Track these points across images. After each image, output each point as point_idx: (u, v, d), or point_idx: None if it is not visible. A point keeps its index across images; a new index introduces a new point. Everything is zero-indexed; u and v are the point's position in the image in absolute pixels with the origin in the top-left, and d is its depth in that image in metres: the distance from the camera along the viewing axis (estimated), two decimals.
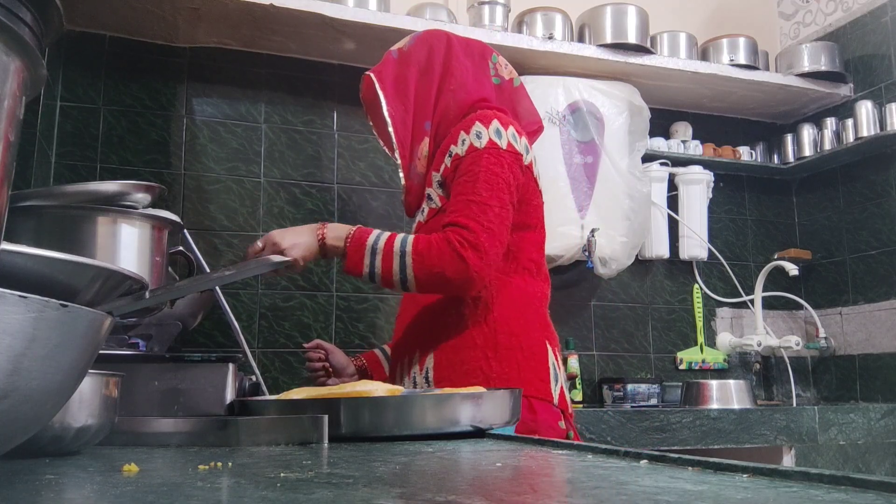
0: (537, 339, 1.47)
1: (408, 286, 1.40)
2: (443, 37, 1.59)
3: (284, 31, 2.29)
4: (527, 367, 1.43)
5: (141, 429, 0.80)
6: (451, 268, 1.35)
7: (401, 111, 1.53)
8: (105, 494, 0.46)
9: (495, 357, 1.42)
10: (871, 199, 2.76)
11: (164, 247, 1.08)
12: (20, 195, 0.94)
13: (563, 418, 1.46)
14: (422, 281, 1.38)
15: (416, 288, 1.40)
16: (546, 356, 1.47)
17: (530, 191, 1.51)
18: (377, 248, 1.40)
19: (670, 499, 0.41)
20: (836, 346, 2.84)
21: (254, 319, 2.29)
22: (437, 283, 1.38)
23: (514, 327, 1.45)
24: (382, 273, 1.39)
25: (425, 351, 1.48)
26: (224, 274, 0.82)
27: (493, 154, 1.42)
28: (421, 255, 1.37)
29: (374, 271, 1.40)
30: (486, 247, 1.36)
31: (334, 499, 0.43)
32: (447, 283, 1.37)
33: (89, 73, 2.25)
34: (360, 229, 1.45)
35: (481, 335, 1.44)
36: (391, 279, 1.39)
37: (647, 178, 2.62)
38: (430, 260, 1.36)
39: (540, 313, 1.52)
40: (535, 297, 1.52)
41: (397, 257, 1.38)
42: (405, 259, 1.38)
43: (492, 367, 1.41)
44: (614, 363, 2.71)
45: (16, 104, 0.45)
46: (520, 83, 1.65)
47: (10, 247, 0.48)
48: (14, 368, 0.43)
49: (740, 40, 2.73)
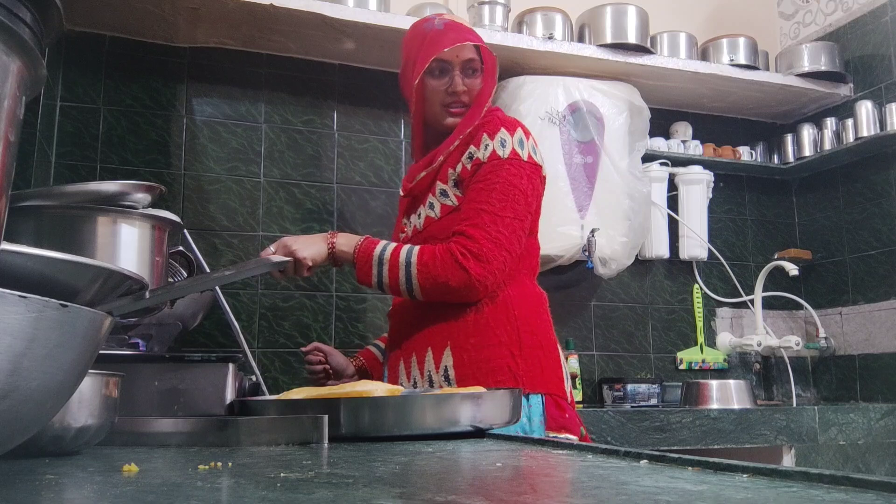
0: (552, 339, 1.54)
1: (414, 295, 1.46)
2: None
3: (284, 31, 2.29)
4: (548, 365, 1.48)
5: (141, 429, 0.80)
6: (453, 278, 1.41)
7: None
8: (105, 494, 0.46)
9: (521, 355, 1.45)
10: (871, 199, 2.76)
11: (164, 247, 1.08)
12: (20, 195, 0.94)
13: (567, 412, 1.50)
14: (427, 290, 1.44)
15: (422, 296, 1.46)
16: (559, 355, 1.53)
17: (538, 198, 1.57)
18: (384, 259, 1.46)
19: (670, 499, 0.41)
20: (836, 346, 2.84)
21: (254, 319, 2.29)
22: (441, 292, 1.44)
23: (535, 326, 1.50)
24: (390, 283, 1.46)
25: (440, 348, 1.48)
26: (224, 274, 0.82)
27: (514, 165, 1.48)
28: (426, 266, 1.42)
29: (381, 281, 1.46)
30: (490, 256, 1.41)
31: (334, 499, 0.43)
32: (451, 292, 1.43)
33: (89, 73, 2.25)
34: (368, 239, 1.50)
35: (505, 333, 1.47)
36: (398, 289, 1.46)
37: (647, 178, 2.62)
38: (434, 270, 1.42)
39: (548, 314, 1.58)
40: (543, 297, 1.58)
41: (403, 268, 1.44)
42: (410, 270, 1.44)
43: (518, 365, 1.44)
44: (614, 363, 2.71)
45: (16, 104, 0.45)
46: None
47: (10, 247, 0.48)
48: (14, 368, 0.43)
49: (740, 40, 2.73)
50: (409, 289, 1.45)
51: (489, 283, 1.42)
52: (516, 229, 1.45)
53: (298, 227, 2.38)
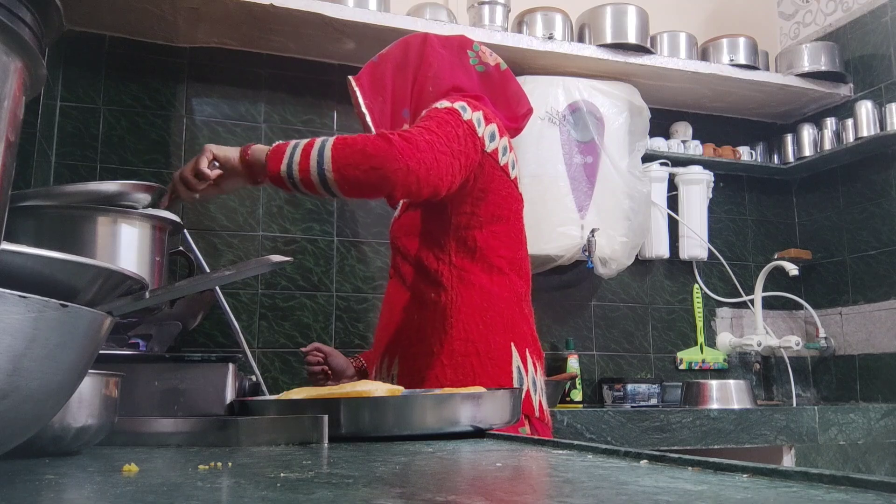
0: (498, 343, 1.41)
1: (325, 177, 1.23)
2: (420, 35, 1.62)
3: (284, 31, 2.29)
4: (483, 373, 1.38)
5: (141, 429, 0.80)
6: (371, 143, 1.23)
7: (378, 102, 1.55)
8: (105, 494, 0.46)
9: (450, 364, 1.39)
10: (871, 199, 2.76)
11: (164, 247, 1.08)
12: (20, 195, 0.94)
13: (527, 423, 1.40)
14: (340, 161, 1.22)
15: (336, 176, 1.23)
16: (509, 360, 1.41)
17: (495, 179, 1.45)
18: (299, 144, 1.27)
19: (670, 499, 0.41)
20: (836, 346, 2.84)
21: (254, 319, 2.29)
22: (357, 162, 1.22)
23: (472, 332, 1.40)
24: (300, 164, 1.24)
25: (392, 357, 1.49)
26: (224, 274, 0.82)
27: (451, 113, 1.39)
28: (343, 139, 1.25)
29: (291, 170, 1.24)
30: (418, 142, 1.26)
31: (334, 499, 0.43)
32: (368, 161, 1.21)
33: (89, 73, 2.25)
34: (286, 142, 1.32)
35: (438, 342, 1.41)
36: (309, 174, 1.24)
37: (647, 178, 2.62)
38: (350, 139, 1.25)
39: (506, 315, 1.44)
40: (502, 297, 1.44)
41: (316, 149, 1.24)
42: (325, 143, 1.25)
43: (446, 375, 1.38)
44: (614, 363, 2.71)
45: (16, 104, 0.45)
46: (506, 67, 1.64)
47: (10, 247, 0.48)
48: (14, 368, 0.43)
49: (740, 40, 2.73)
50: (320, 173, 1.22)
51: (411, 164, 1.23)
52: (448, 153, 1.30)
53: (298, 227, 2.38)
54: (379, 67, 1.59)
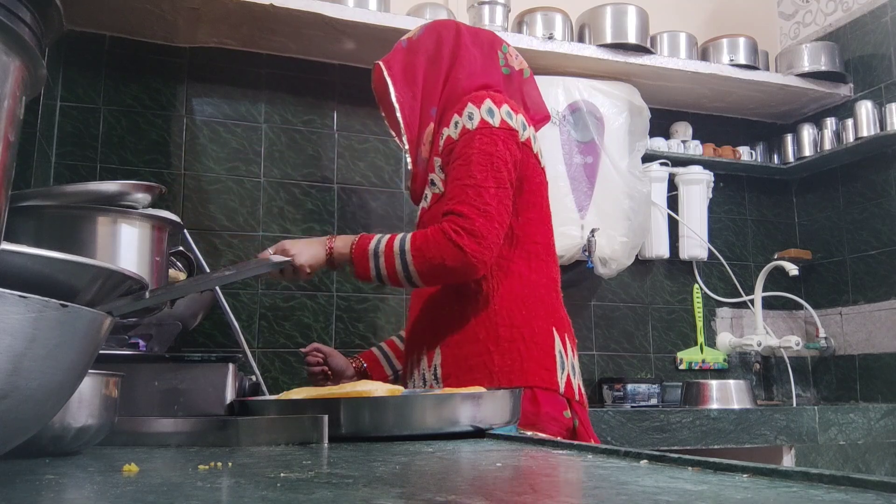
0: (541, 328, 1.47)
1: (413, 282, 1.44)
2: (452, 26, 1.61)
3: (284, 31, 2.29)
4: (529, 357, 1.44)
5: (141, 429, 0.80)
6: (449, 257, 1.37)
7: (409, 97, 1.56)
8: (105, 494, 0.46)
9: (497, 350, 1.43)
10: (871, 199, 2.76)
11: (164, 247, 1.08)
12: (20, 195, 0.94)
13: (568, 407, 1.45)
14: (424, 274, 1.42)
15: (422, 281, 1.44)
16: (552, 344, 1.47)
17: (530, 167, 1.50)
18: (379, 251, 1.44)
19: (670, 499, 0.41)
20: (836, 346, 2.84)
21: (254, 319, 2.29)
22: (439, 273, 1.41)
23: (516, 318, 1.46)
24: (388, 273, 1.43)
25: (432, 347, 1.50)
26: (224, 274, 0.82)
27: (485, 134, 1.44)
28: (420, 250, 1.40)
29: (379, 273, 1.44)
30: (483, 231, 1.38)
31: (334, 499, 0.43)
32: (449, 272, 1.40)
33: (89, 73, 2.25)
34: (363, 236, 1.48)
35: (483, 329, 1.45)
36: (397, 278, 1.43)
37: (647, 178, 2.62)
38: (428, 253, 1.39)
39: (546, 300, 1.51)
40: (540, 283, 1.51)
41: (398, 256, 1.42)
42: (405, 257, 1.41)
43: (494, 361, 1.42)
44: (614, 363, 2.71)
45: (16, 104, 0.45)
46: (530, 74, 1.66)
47: (10, 247, 0.48)
48: (14, 368, 0.43)
49: (740, 40, 2.73)
50: (407, 276, 1.42)
51: (486, 257, 1.39)
52: (502, 198, 1.41)
53: (299, 228, 2.38)
54: (410, 57, 1.59)
